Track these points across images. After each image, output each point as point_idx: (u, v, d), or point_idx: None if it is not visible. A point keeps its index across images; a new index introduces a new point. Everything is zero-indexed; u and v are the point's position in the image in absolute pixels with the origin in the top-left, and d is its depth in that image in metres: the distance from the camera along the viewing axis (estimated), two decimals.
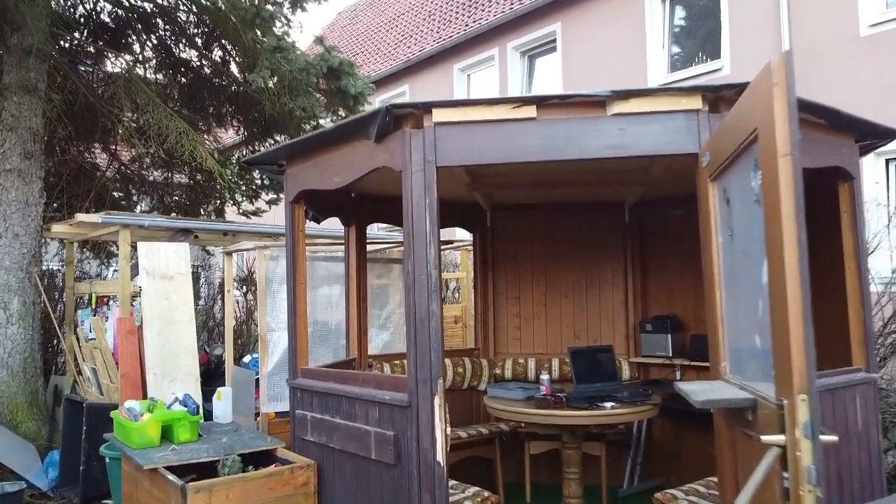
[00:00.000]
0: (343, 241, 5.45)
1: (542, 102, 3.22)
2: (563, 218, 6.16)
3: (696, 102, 3.23)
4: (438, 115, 3.18)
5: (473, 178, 4.66)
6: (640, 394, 4.62)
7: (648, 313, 6.00)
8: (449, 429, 3.18)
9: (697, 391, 2.61)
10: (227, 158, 11.33)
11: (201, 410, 4.55)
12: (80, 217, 6.74)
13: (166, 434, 4.08)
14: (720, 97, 3.21)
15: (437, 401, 3.12)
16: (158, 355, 6.80)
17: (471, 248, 7.01)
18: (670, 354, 5.60)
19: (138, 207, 11.29)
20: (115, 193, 10.81)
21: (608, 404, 4.26)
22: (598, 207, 6.09)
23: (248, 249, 6.87)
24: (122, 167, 10.90)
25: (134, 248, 7.45)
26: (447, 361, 5.87)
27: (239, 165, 10.68)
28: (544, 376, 4.48)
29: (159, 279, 6.96)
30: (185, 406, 4.19)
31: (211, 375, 8.37)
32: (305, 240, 4.27)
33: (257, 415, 5.99)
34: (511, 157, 3.24)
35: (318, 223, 5.53)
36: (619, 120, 3.22)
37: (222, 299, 9.77)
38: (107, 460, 4.88)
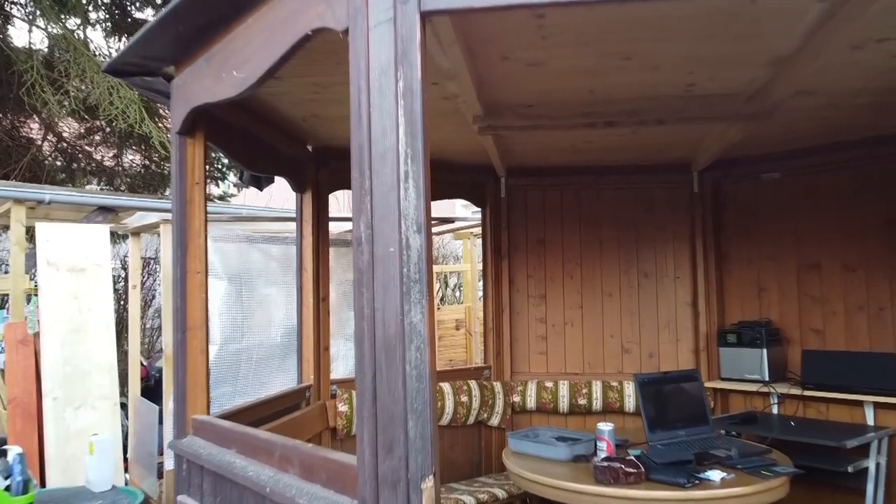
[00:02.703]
0: (294, 217, 3.75)
1: None
2: (607, 188, 4.46)
3: None
4: None
5: (488, 105, 2.96)
6: (755, 452, 2.91)
7: (727, 319, 4.30)
8: None
9: None
10: None
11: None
12: None
13: None
14: None
15: None
16: (61, 373, 5.10)
17: (477, 230, 5.29)
18: (767, 378, 3.89)
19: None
20: (61, 175, 9.17)
21: (714, 475, 2.55)
22: (654, 172, 4.38)
23: (151, 228, 5.14)
24: (62, 143, 9.22)
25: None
26: (445, 387, 4.16)
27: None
28: (605, 427, 2.76)
29: (66, 272, 5.26)
30: (8, 477, 2.49)
31: (151, 394, 6.70)
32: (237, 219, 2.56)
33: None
34: None
35: (261, 189, 3.83)
36: None
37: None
38: None
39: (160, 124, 7.96)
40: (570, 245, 4.48)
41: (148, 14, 8.58)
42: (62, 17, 7.52)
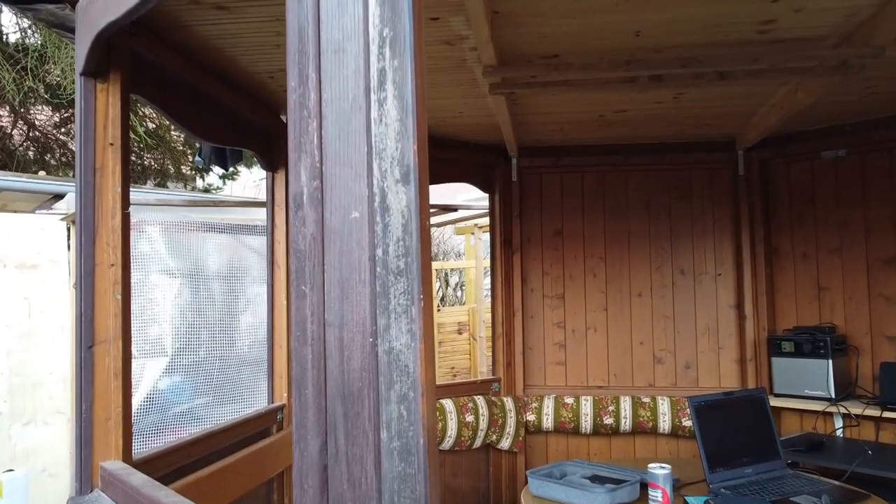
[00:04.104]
0: (265, 202, 3.11)
1: None
2: (636, 170, 3.81)
3: None
4: None
5: (503, 54, 2.31)
6: (849, 498, 2.26)
7: (779, 324, 3.65)
8: None
9: None
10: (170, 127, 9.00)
11: None
12: None
13: None
14: None
15: None
16: (6, 385, 4.48)
17: (483, 221, 4.63)
18: (832, 395, 3.25)
19: None
20: (34, 166, 8.53)
21: None
22: (692, 150, 3.73)
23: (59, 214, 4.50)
24: (34, 132, 8.58)
25: None
26: (447, 404, 3.51)
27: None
28: (660, 470, 2.08)
29: (13, 269, 4.63)
30: None
31: None
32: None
33: None
34: None
35: (226, 168, 3.19)
36: None
37: None
38: None
39: (134, 109, 7.33)
40: (592, 237, 3.83)
41: None
42: None
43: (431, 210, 5.13)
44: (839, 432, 3.31)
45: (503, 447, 3.65)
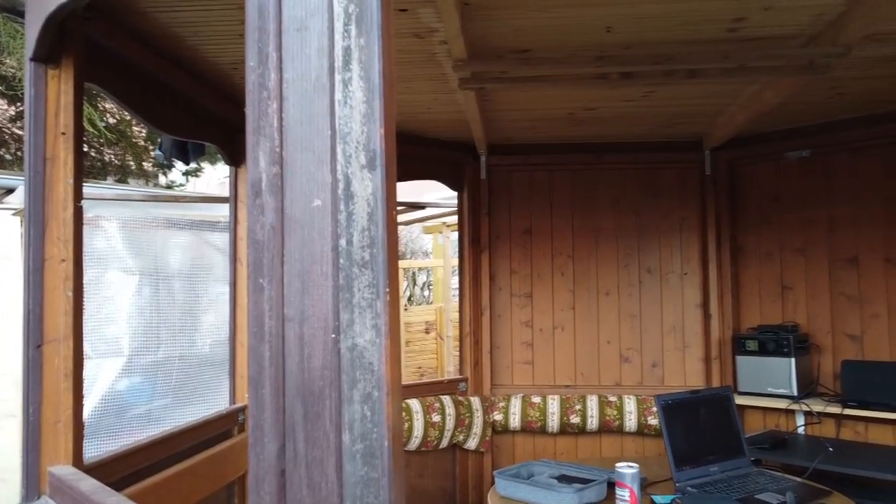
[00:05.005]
0: (228, 198, 3.02)
1: None
2: (606, 169, 3.81)
3: None
4: None
5: (474, 48, 2.27)
6: (813, 496, 2.28)
7: (744, 322, 3.69)
8: None
9: None
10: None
11: None
12: None
13: None
14: None
15: None
16: None
17: (452, 220, 4.59)
18: (795, 392, 3.28)
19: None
20: None
21: None
22: (661, 150, 3.75)
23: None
24: None
25: None
26: (414, 404, 3.47)
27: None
28: (627, 469, 2.06)
29: None
30: None
31: None
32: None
33: None
34: None
35: (188, 162, 3.10)
36: None
37: None
38: None
39: (94, 103, 7.13)
40: (561, 236, 3.82)
41: None
42: None
43: (399, 207, 5.05)
44: (801, 430, 3.35)
45: (470, 447, 3.62)
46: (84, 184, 1.80)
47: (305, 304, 0.73)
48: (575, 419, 3.61)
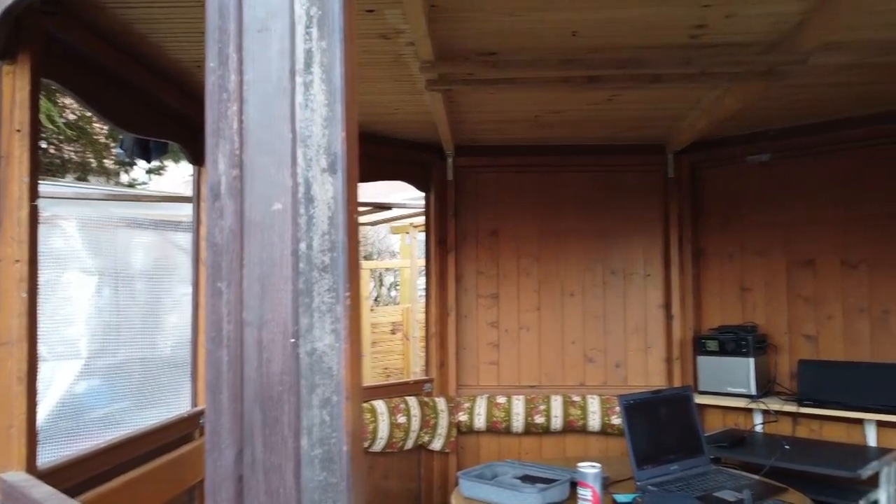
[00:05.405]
0: (191, 197, 2.98)
1: None
2: (571, 171, 3.85)
3: None
4: None
5: (441, 49, 2.27)
6: (769, 493, 2.33)
7: (705, 323, 3.75)
8: None
9: None
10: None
11: None
12: None
13: None
14: None
15: None
16: None
17: (419, 220, 4.59)
18: (754, 392, 3.36)
19: None
20: None
21: None
22: (626, 153, 3.80)
23: None
24: None
25: None
26: (379, 406, 3.46)
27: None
28: (589, 469, 2.08)
29: None
30: None
31: None
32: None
33: None
34: None
35: (149, 160, 3.05)
36: None
37: None
38: None
39: (53, 99, 6.95)
40: (527, 237, 3.85)
41: None
42: None
43: (366, 208, 5.05)
44: (759, 428, 3.42)
45: (435, 448, 3.62)
46: (41, 182, 1.75)
47: (265, 308, 0.73)
48: (539, 419, 3.64)
